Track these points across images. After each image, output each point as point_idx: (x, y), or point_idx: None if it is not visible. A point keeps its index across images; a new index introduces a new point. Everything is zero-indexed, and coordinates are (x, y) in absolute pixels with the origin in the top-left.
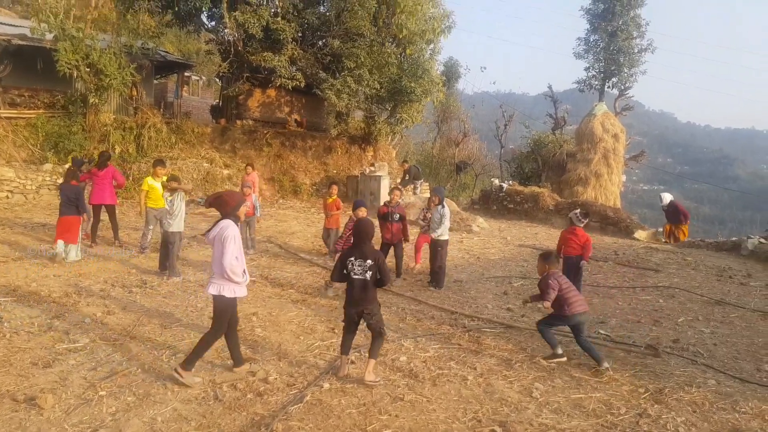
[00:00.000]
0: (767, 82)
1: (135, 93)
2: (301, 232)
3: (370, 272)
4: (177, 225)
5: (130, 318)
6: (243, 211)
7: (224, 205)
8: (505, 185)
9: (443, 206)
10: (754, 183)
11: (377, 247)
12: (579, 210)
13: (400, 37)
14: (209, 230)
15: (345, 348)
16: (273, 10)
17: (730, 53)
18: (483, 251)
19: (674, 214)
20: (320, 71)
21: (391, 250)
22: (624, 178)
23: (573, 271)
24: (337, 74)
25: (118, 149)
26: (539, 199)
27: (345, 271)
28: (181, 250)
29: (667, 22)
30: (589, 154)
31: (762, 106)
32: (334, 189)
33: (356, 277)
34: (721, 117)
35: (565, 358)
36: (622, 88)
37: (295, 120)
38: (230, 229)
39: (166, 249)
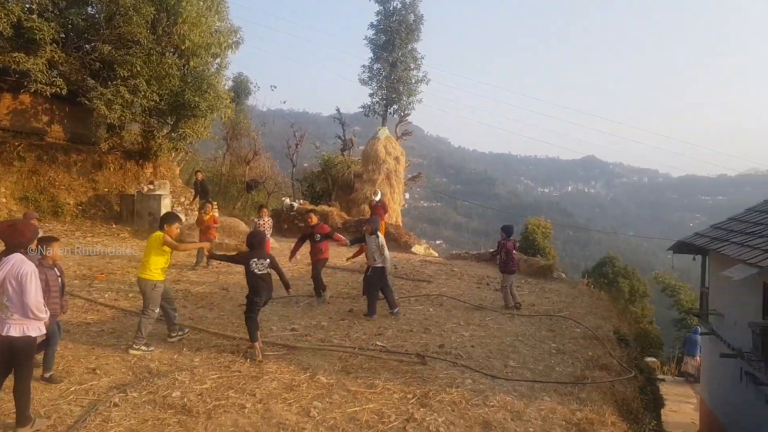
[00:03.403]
0: (520, 116)
1: None
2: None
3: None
4: None
5: None
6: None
7: (18, 235)
8: (296, 204)
9: (377, 236)
10: (511, 200)
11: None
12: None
13: (183, 48)
14: None
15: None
16: (27, 6)
17: (490, 88)
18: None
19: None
20: (88, 78)
21: None
22: (407, 196)
23: None
24: (109, 83)
25: None
26: (329, 217)
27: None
28: None
29: (441, 57)
30: (374, 174)
31: (516, 135)
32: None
33: (260, 272)
34: (485, 143)
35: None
36: (402, 114)
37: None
38: (26, 264)
39: None
